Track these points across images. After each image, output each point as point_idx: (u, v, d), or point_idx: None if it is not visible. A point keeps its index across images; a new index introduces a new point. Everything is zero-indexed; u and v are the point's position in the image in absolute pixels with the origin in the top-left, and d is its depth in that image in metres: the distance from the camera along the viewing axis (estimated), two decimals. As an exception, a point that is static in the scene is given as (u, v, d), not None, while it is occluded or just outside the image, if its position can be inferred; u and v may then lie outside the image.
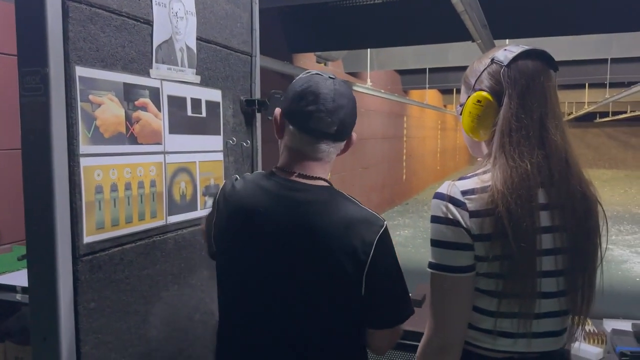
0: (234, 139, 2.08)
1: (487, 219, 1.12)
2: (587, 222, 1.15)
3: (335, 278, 1.18)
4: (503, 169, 1.13)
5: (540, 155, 1.13)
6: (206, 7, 1.90)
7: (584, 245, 1.15)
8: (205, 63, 1.91)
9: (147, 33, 1.62)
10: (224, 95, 2.03)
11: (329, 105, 1.22)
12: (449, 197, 1.15)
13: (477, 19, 3.04)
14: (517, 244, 1.09)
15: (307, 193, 1.23)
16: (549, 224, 1.14)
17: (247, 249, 1.26)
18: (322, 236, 1.18)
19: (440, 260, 1.16)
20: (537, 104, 1.15)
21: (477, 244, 1.13)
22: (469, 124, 1.25)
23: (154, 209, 1.66)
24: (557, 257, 1.14)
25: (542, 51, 1.20)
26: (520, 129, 1.14)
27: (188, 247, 1.83)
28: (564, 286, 1.16)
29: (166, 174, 1.71)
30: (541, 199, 1.13)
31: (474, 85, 1.24)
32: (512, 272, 1.12)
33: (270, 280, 1.23)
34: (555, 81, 1.20)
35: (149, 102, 1.63)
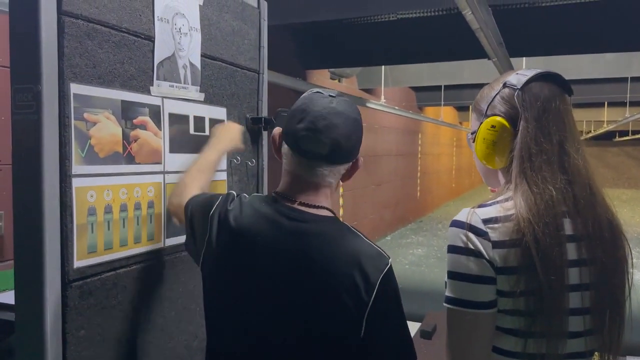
0: (239, 157, 2.01)
1: (513, 250, 1.03)
2: (616, 254, 1.07)
3: (336, 316, 1.10)
4: (526, 196, 1.06)
5: (563, 181, 1.06)
6: (212, 23, 1.85)
7: (612, 280, 1.07)
8: (210, 80, 1.86)
9: (148, 49, 1.57)
10: (229, 113, 1.97)
11: (320, 123, 1.13)
12: (469, 226, 1.07)
13: (493, 36, 2.97)
14: (546, 277, 1.01)
15: (312, 224, 1.16)
16: (576, 257, 1.05)
17: (240, 278, 1.19)
18: (325, 271, 1.11)
19: (459, 294, 1.07)
20: (556, 128, 1.09)
21: (500, 277, 1.05)
22: (483, 151, 1.18)
23: (151, 232, 1.60)
24: (583, 293, 1.06)
25: (557, 74, 1.15)
26: (541, 154, 1.07)
27: (187, 270, 1.75)
28: (591, 325, 1.07)
29: (165, 195, 1.65)
30: (568, 230, 1.05)
31: (486, 111, 1.17)
32: (539, 309, 1.03)
33: (265, 313, 1.15)
34: (570, 105, 1.13)
35: (149, 120, 1.57)
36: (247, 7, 2.06)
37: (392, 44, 6.08)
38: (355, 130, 1.19)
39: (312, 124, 1.14)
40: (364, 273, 1.10)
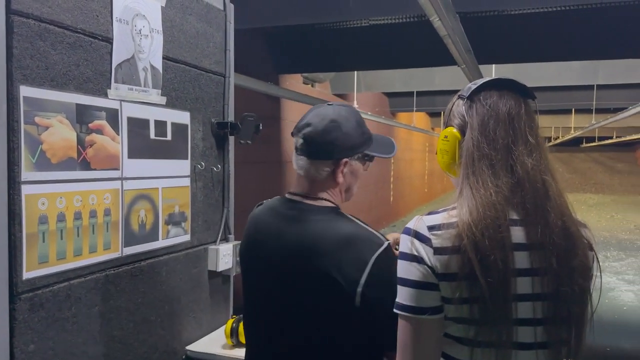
0: (203, 163, 1.96)
1: (454, 256, 1.01)
2: (571, 263, 1.03)
3: (326, 290, 1.18)
4: (468, 201, 1.04)
5: (507, 184, 1.03)
6: (175, 25, 1.81)
7: (567, 291, 1.03)
8: (173, 84, 1.81)
9: (106, 51, 1.52)
10: (193, 118, 1.92)
11: (300, 123, 1.30)
12: (414, 232, 1.06)
13: (461, 43, 2.99)
14: (488, 285, 0.98)
15: (309, 213, 1.26)
16: (527, 266, 1.03)
17: (254, 269, 1.34)
18: (317, 254, 1.19)
19: (406, 300, 1.06)
20: (503, 133, 1.07)
21: (442, 283, 1.03)
22: (441, 161, 1.18)
23: (108, 240, 1.54)
24: (535, 303, 1.03)
25: (510, 80, 1.13)
26: (483, 158, 1.05)
27: (147, 280, 1.70)
28: (544, 337, 1.04)
29: (123, 202, 1.59)
30: (518, 239, 1.03)
31: (446, 122, 1.18)
32: (483, 318, 1.01)
33: (272, 299, 1.29)
34: (529, 108, 1.11)
35: (105, 125, 1.52)
36: (212, 9, 2.02)
37: (364, 49, 6.09)
38: (333, 130, 1.26)
39: (297, 124, 1.31)
40: (356, 253, 1.18)
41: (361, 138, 1.31)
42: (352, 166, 1.32)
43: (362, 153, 1.33)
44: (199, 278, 1.99)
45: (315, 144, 1.27)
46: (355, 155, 1.31)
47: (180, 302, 1.87)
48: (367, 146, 1.33)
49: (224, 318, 2.13)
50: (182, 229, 1.87)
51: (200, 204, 1.98)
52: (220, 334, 1.96)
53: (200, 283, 1.99)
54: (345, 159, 1.29)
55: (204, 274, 2.01)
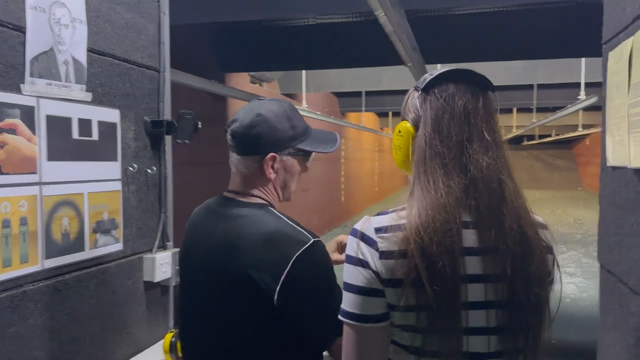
0: (136, 165, 1.82)
1: (400, 261, 0.94)
2: (527, 269, 0.97)
3: (248, 294, 1.14)
4: (418, 202, 0.97)
5: (459, 184, 0.96)
6: (100, 15, 1.65)
7: (522, 298, 0.96)
8: (99, 78, 1.66)
9: (19, 42, 1.36)
10: (124, 116, 1.77)
11: (231, 119, 1.28)
12: (361, 234, 0.99)
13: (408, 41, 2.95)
14: (435, 292, 0.91)
15: (237, 209, 1.23)
16: (479, 272, 0.95)
17: (186, 270, 1.31)
18: (238, 252, 1.15)
19: (350, 307, 0.99)
20: (457, 129, 0.99)
21: (387, 290, 0.95)
22: (395, 157, 1.11)
23: (25, 252, 1.38)
24: (488, 311, 0.96)
25: (468, 71, 1.05)
26: (436, 157, 0.98)
27: (73, 295, 1.54)
28: (499, 347, 0.98)
29: (42, 209, 1.43)
30: (470, 243, 0.96)
31: (403, 116, 1.10)
32: (431, 327, 0.94)
33: (199, 301, 1.25)
34: (489, 102, 1.04)
35: (19, 124, 1.36)
36: (143, 0, 1.87)
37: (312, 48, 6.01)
38: (258, 124, 1.23)
39: (228, 120, 1.29)
40: (277, 250, 1.13)
41: (291, 132, 1.26)
42: (284, 162, 1.27)
43: (295, 148, 1.26)
44: (134, 290, 1.84)
45: (241, 139, 1.24)
46: (285, 150, 1.26)
47: (113, 317, 1.71)
48: (298, 141, 1.28)
49: (162, 332, 1.99)
50: (112, 237, 1.72)
51: (134, 209, 1.84)
52: (158, 349, 1.82)
53: (135, 295, 1.84)
54: (273, 154, 1.24)
55: (139, 286, 1.87)
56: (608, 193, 1.51)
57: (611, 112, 1.45)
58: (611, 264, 1.47)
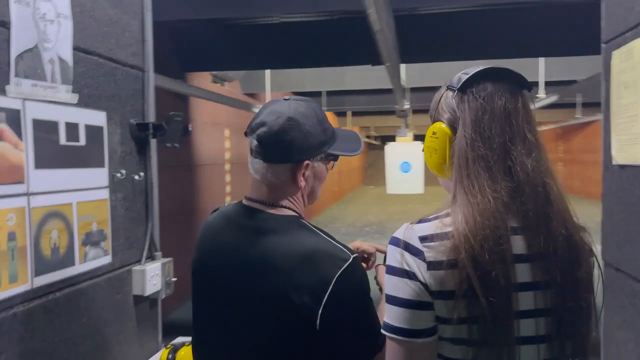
0: (123, 171, 1.70)
1: (450, 271, 0.89)
2: (575, 275, 0.94)
3: (287, 318, 1.06)
4: (463, 208, 0.92)
5: (506, 188, 0.92)
6: (85, 10, 1.53)
7: (572, 305, 0.94)
8: (85, 79, 1.54)
9: (3, 38, 1.23)
10: (109, 119, 1.65)
11: (254, 121, 1.15)
12: (405, 244, 0.93)
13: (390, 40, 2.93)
14: (489, 302, 0.87)
15: (265, 222, 1.13)
16: (529, 280, 0.92)
17: (206, 285, 1.19)
18: (274, 271, 1.07)
19: (397, 321, 0.93)
20: (499, 130, 0.95)
21: (437, 302, 0.91)
22: (428, 160, 1.05)
23: (14, 271, 1.25)
24: (538, 319, 0.93)
25: (505, 69, 1.01)
26: (479, 160, 0.93)
27: (64, 314, 1.42)
28: (547, 355, 0.95)
29: (31, 222, 1.31)
30: (519, 249, 0.92)
31: (434, 117, 1.04)
32: (484, 338, 0.89)
33: (224, 320, 1.15)
34: (527, 101, 1.01)
35: (6, 129, 1.23)
36: (127, -5, 1.76)
37: (276, 47, 5.92)
38: (290, 130, 1.11)
39: (251, 123, 1.16)
40: (317, 271, 1.06)
41: (323, 136, 1.16)
42: (315, 168, 1.17)
43: (326, 153, 1.18)
44: (124, 305, 1.72)
45: (270, 145, 1.12)
46: (317, 156, 1.16)
47: (104, 335, 1.60)
48: (330, 144, 1.19)
49: (153, 347, 1.88)
50: (101, 249, 1.60)
51: (121, 218, 1.72)
52: (152, 367, 1.72)
53: (124, 311, 1.72)
54: (307, 161, 1.14)
55: (128, 300, 1.75)
56: (615, 191, 1.52)
57: (619, 110, 1.45)
58: (621, 261, 1.47)
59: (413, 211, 15.12)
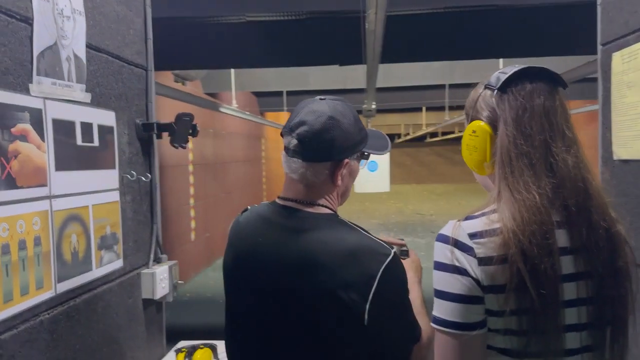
0: (134, 172, 1.66)
1: (500, 266, 0.93)
2: (615, 265, 0.99)
3: (335, 314, 1.08)
4: (510, 205, 0.96)
5: (549, 184, 0.96)
6: (95, 6, 1.48)
7: (611, 293, 0.98)
8: (96, 77, 1.49)
9: (25, 35, 1.18)
10: (118, 118, 1.61)
11: (293, 121, 1.16)
12: (454, 241, 0.96)
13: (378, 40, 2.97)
14: (538, 294, 0.91)
15: (305, 221, 1.13)
16: (572, 271, 0.96)
17: (244, 286, 1.18)
18: (320, 269, 1.08)
19: (449, 315, 0.96)
20: (539, 128, 0.99)
21: (488, 296, 0.94)
22: (468, 158, 1.08)
23: (40, 277, 1.20)
24: (580, 308, 0.98)
25: (542, 68, 1.05)
26: (522, 157, 0.97)
27: (84, 321, 1.37)
28: (590, 341, 0.99)
29: (53, 226, 1.26)
30: (562, 242, 0.96)
31: (471, 115, 1.07)
32: (533, 328, 0.93)
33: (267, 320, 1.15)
34: (563, 99, 1.06)
35: (30, 129, 1.18)
36: (132, -9, 1.71)
37: (241, 47, 5.87)
38: (332, 128, 1.13)
39: (289, 122, 1.16)
40: (362, 267, 1.08)
41: (359, 135, 1.19)
42: (351, 166, 1.19)
43: (361, 151, 1.21)
44: (134, 309, 1.68)
45: (312, 144, 1.13)
46: (354, 155, 1.19)
47: (118, 341, 1.55)
48: (364, 143, 1.22)
49: (159, 352, 1.84)
50: (114, 253, 1.56)
51: (130, 221, 1.67)
52: (163, 371, 1.68)
53: (135, 315, 1.68)
54: (347, 160, 1.16)
55: (138, 304, 1.71)
56: (616, 184, 1.60)
57: (622, 108, 1.54)
58: (624, 251, 1.56)
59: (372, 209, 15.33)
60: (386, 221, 12.34)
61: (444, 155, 29.88)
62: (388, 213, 14.40)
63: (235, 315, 1.22)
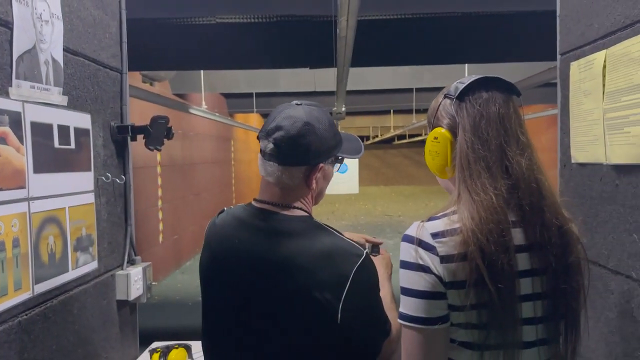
0: (109, 174, 1.67)
1: (461, 263, 0.99)
2: (567, 261, 1.06)
3: (310, 314, 1.12)
4: (468, 205, 1.02)
5: (505, 185, 1.03)
6: (72, 10, 1.50)
7: (565, 288, 1.05)
8: (73, 80, 1.50)
9: (5, 39, 1.19)
10: (94, 121, 1.62)
11: (270, 126, 1.19)
12: (418, 240, 1.02)
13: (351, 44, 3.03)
14: (496, 289, 0.98)
15: (280, 223, 1.17)
16: (528, 267, 1.03)
17: (221, 287, 1.22)
18: (296, 271, 1.11)
19: (414, 311, 1.02)
20: (495, 133, 1.06)
21: (450, 292, 1.00)
22: (430, 162, 1.14)
23: (18, 278, 1.21)
24: (535, 302, 1.04)
25: (497, 78, 1.12)
26: (479, 160, 1.04)
27: (60, 322, 1.38)
28: (545, 334, 1.06)
29: (31, 228, 1.27)
30: (518, 240, 1.03)
31: (433, 123, 1.14)
32: (492, 322, 1.00)
33: (243, 320, 1.18)
34: (517, 106, 1.13)
35: (9, 132, 1.19)
36: (107, -5, 1.73)
37: (211, 48, 5.86)
38: (307, 134, 1.17)
39: (265, 126, 1.19)
40: (335, 268, 1.12)
41: (334, 140, 1.24)
42: (326, 170, 1.25)
43: (335, 155, 1.26)
44: (109, 310, 1.69)
45: (288, 149, 1.17)
46: (329, 159, 1.24)
47: (93, 342, 1.56)
48: (339, 148, 1.26)
49: (133, 353, 1.85)
50: (90, 254, 1.57)
51: (105, 223, 1.68)
52: (138, 372, 1.70)
53: (109, 316, 1.69)
54: (322, 164, 1.21)
55: (112, 305, 1.72)
56: (573, 187, 1.70)
57: (579, 115, 1.64)
58: (581, 249, 1.66)
59: (341, 211, 15.44)
60: (355, 222, 12.45)
61: (411, 157, 30.29)
62: (357, 214, 14.52)
63: (212, 316, 1.24)
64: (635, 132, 1.35)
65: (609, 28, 1.48)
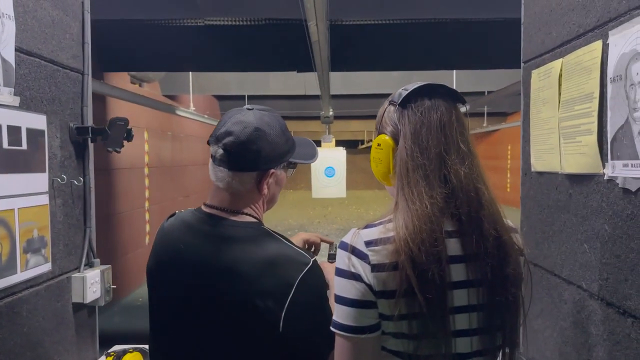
0: (64, 176, 1.65)
1: (392, 273, 0.97)
2: (504, 272, 1.03)
3: (252, 322, 1.10)
4: (404, 214, 1.00)
5: (441, 194, 1.01)
6: (27, 10, 1.49)
7: (501, 300, 1.03)
8: (27, 81, 1.49)
9: (-55, 37, 1.18)
10: (50, 122, 1.61)
11: (220, 131, 1.18)
12: (352, 248, 1.01)
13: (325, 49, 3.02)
14: (426, 300, 0.96)
15: (228, 229, 1.15)
16: (463, 278, 1.01)
17: (166, 292, 1.20)
18: (239, 278, 1.10)
19: (344, 319, 1.01)
20: (435, 141, 1.03)
21: (380, 301, 0.99)
22: (375, 169, 1.13)
23: (-44, 280, 1.20)
24: (471, 314, 1.02)
25: (441, 85, 1.09)
26: (418, 169, 1.02)
27: (6, 324, 1.37)
28: (480, 346, 1.04)
29: (-27, 230, 1.25)
30: (455, 251, 1.01)
31: (378, 129, 1.13)
32: (422, 332, 0.98)
33: (187, 326, 1.16)
34: (460, 114, 1.11)
35: (-51, 132, 1.18)
36: (68, -5, 1.72)
37: (200, 50, 5.86)
38: (257, 140, 1.16)
39: (216, 131, 1.18)
40: (279, 276, 1.10)
41: (286, 145, 1.23)
42: (278, 175, 1.23)
43: (288, 161, 1.24)
44: (63, 313, 1.67)
45: (238, 155, 1.15)
46: (281, 165, 1.22)
47: (44, 345, 1.54)
48: (291, 153, 1.25)
49: (91, 356, 1.84)
50: (42, 256, 1.55)
51: (61, 224, 1.67)
52: (93, 376, 1.68)
53: (64, 319, 1.67)
54: (272, 170, 1.19)
55: (67, 308, 1.70)
56: (533, 195, 1.70)
57: (538, 123, 1.63)
58: (538, 258, 1.66)
59: (333, 214, 15.43)
60: (346, 226, 12.44)
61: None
62: (349, 218, 14.51)
63: (157, 322, 1.23)
64: (585, 142, 1.34)
65: (565, 37, 1.48)
